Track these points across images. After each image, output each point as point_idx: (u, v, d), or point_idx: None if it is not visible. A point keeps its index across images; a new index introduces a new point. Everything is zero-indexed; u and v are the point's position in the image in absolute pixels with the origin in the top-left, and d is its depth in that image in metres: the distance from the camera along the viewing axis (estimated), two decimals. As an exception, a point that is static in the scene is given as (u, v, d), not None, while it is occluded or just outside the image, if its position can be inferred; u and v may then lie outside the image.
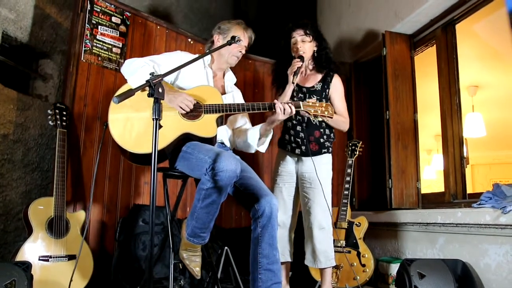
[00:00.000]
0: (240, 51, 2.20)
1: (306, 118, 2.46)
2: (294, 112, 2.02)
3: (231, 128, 2.27)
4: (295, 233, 2.60)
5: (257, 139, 2.14)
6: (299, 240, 2.60)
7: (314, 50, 2.53)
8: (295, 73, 2.33)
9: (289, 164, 2.55)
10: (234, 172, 1.70)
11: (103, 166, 2.68)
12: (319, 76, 2.53)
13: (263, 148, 2.21)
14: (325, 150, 2.49)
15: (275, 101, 2.02)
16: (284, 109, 2.00)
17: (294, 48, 2.50)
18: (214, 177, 1.68)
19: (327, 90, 2.50)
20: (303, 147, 2.45)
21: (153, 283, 1.46)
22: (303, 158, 2.48)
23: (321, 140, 2.48)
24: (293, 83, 2.35)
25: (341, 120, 2.49)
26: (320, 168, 2.41)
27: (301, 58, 2.40)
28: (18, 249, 2.08)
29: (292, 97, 2.48)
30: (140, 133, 1.85)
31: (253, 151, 2.24)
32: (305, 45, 2.47)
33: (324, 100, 2.46)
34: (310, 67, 2.58)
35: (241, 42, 2.16)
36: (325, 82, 2.50)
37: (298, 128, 2.48)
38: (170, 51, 2.48)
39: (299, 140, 2.46)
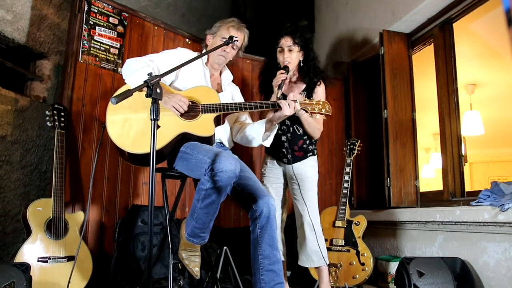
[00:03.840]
0: (225, 50, 2.17)
1: (291, 128, 2.48)
2: (299, 108, 2.02)
3: (231, 123, 2.27)
4: (292, 233, 2.61)
5: (262, 133, 2.12)
6: (296, 240, 2.60)
7: (300, 60, 2.51)
8: (280, 86, 2.31)
9: (276, 167, 2.59)
10: (233, 172, 1.70)
11: (102, 167, 2.67)
12: (303, 86, 2.53)
13: (267, 143, 2.19)
14: (310, 154, 2.54)
15: (282, 100, 2.02)
16: (289, 105, 2.00)
17: (280, 56, 2.48)
18: (214, 177, 1.68)
19: (311, 95, 2.52)
20: (289, 156, 2.48)
21: (152, 283, 1.45)
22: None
23: (304, 146, 2.52)
24: (278, 97, 2.31)
25: (316, 127, 2.50)
26: (306, 170, 2.49)
27: (286, 69, 2.38)
28: (17, 251, 2.07)
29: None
30: (138, 133, 1.85)
31: (256, 145, 2.22)
32: (292, 54, 2.45)
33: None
34: (294, 78, 2.56)
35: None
36: (309, 92, 2.49)
37: (283, 138, 2.48)
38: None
39: (284, 150, 2.48)
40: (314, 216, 2.44)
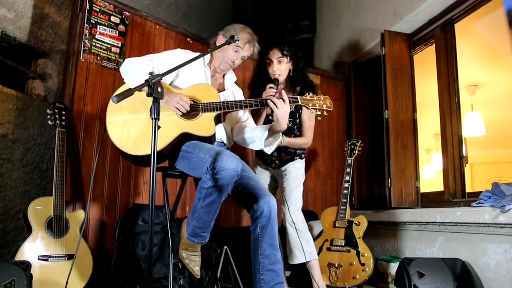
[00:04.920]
0: (233, 61, 2.15)
1: None
2: (287, 103, 1.99)
3: (232, 124, 2.27)
4: None
5: (264, 138, 2.08)
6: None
7: (290, 69, 2.50)
8: None
9: (265, 170, 2.67)
10: (235, 171, 1.70)
11: (103, 166, 2.68)
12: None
13: (269, 150, 2.15)
14: (297, 157, 2.61)
15: (274, 99, 1.98)
16: (275, 104, 1.96)
17: (270, 68, 2.47)
18: (215, 175, 1.67)
19: (300, 111, 2.55)
20: (277, 161, 2.57)
21: (152, 282, 1.46)
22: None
23: (292, 150, 2.59)
24: (267, 113, 2.38)
25: (300, 142, 2.58)
26: (293, 171, 2.57)
27: (275, 82, 2.35)
28: (17, 249, 2.08)
29: (267, 116, 2.56)
30: (138, 135, 1.84)
31: (256, 149, 2.19)
32: (281, 66, 2.45)
33: (297, 120, 2.58)
34: (282, 86, 2.54)
35: (240, 52, 2.13)
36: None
37: None
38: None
39: (272, 157, 2.54)
40: (295, 214, 2.48)
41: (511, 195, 2.16)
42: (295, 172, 2.58)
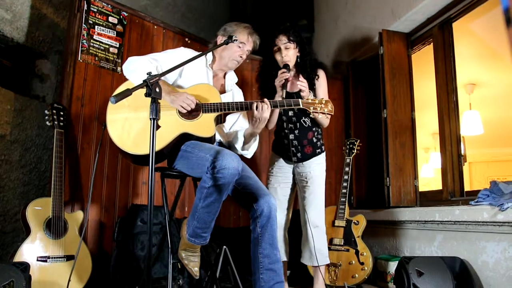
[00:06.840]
0: (241, 56, 2.17)
1: (298, 124, 2.47)
2: (269, 110, 1.96)
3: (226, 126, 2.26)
4: (292, 232, 2.62)
5: (241, 143, 2.10)
6: (296, 239, 2.60)
7: (297, 56, 2.50)
8: (284, 86, 2.28)
9: (285, 166, 2.59)
10: (236, 170, 1.69)
11: (101, 166, 2.67)
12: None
13: (248, 154, 2.16)
14: (319, 150, 2.56)
15: (258, 102, 1.97)
16: (258, 107, 1.95)
17: (278, 56, 2.46)
18: (216, 174, 1.67)
19: (314, 87, 2.51)
20: (299, 154, 2.49)
21: (151, 283, 1.45)
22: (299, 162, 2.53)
23: (314, 140, 2.53)
24: (282, 97, 2.26)
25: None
26: (316, 169, 2.51)
27: (287, 67, 2.36)
28: (16, 250, 2.07)
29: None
30: (138, 133, 1.84)
31: (239, 153, 2.17)
32: (289, 52, 2.44)
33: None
34: (293, 72, 2.53)
35: (244, 46, 2.15)
36: (310, 81, 2.48)
37: (291, 136, 2.48)
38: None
39: (293, 148, 2.48)
40: (320, 215, 2.46)
41: (509, 193, 2.16)
42: (319, 171, 2.52)
